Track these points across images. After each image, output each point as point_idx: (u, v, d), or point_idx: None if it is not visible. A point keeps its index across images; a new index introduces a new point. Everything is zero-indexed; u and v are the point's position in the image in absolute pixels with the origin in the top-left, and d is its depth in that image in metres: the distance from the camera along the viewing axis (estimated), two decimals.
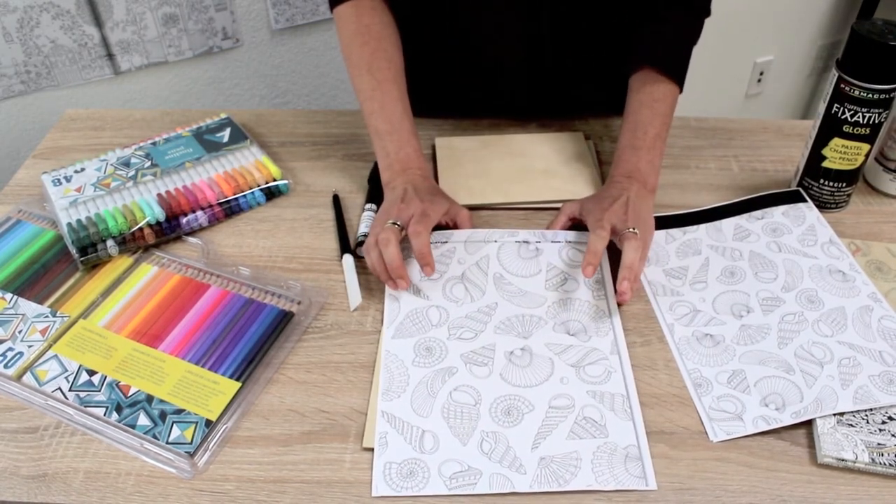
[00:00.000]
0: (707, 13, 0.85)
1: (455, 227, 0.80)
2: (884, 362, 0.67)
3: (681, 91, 0.84)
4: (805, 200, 0.85)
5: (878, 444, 0.60)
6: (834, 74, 0.78)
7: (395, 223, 0.73)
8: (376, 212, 0.83)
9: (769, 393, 0.65)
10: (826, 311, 0.72)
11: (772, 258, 0.78)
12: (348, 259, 0.78)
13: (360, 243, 0.80)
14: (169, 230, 0.82)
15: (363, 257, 0.79)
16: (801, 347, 0.69)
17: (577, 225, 0.81)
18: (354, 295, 0.74)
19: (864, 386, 0.65)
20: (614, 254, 0.75)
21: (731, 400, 0.65)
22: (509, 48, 0.91)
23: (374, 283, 0.77)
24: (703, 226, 0.83)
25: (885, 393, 0.64)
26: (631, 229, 0.72)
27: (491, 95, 0.98)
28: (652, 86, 0.83)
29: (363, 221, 0.82)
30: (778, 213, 0.84)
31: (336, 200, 0.87)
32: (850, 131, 0.78)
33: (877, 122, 0.77)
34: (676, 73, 0.83)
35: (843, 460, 0.59)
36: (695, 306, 0.73)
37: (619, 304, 0.73)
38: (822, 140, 0.81)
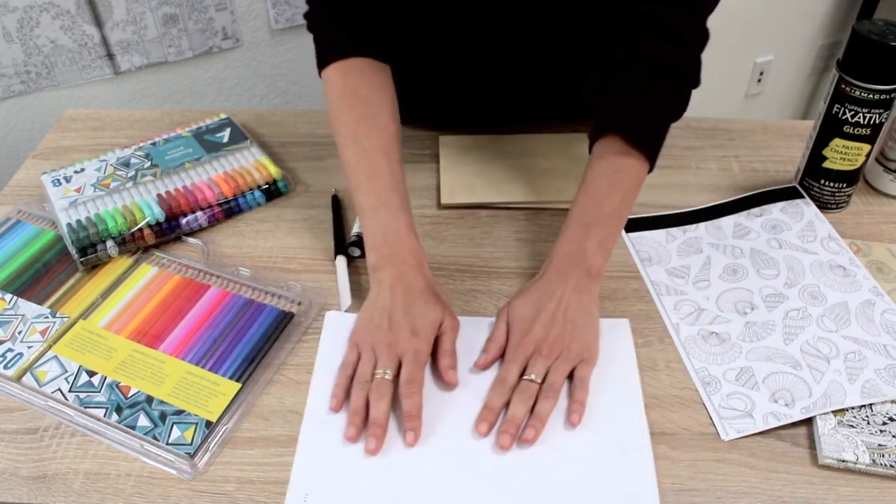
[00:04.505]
0: (696, 83, 0.75)
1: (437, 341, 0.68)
2: (889, 356, 0.67)
3: (650, 170, 0.72)
4: (802, 196, 0.85)
5: (879, 445, 0.60)
6: (834, 74, 0.78)
7: (385, 372, 0.64)
8: None
9: (778, 389, 0.65)
10: (829, 306, 0.72)
11: (773, 255, 0.78)
12: (341, 260, 0.78)
13: (353, 243, 0.80)
14: (169, 230, 0.82)
15: (356, 257, 0.79)
16: (807, 343, 0.69)
17: None
18: (345, 296, 0.74)
19: (870, 380, 0.65)
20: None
21: (741, 397, 0.65)
22: (498, 59, 0.88)
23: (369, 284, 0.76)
24: (702, 224, 0.83)
25: (892, 386, 0.64)
26: (531, 377, 0.63)
27: (483, 106, 0.95)
28: (615, 157, 0.71)
29: (357, 221, 0.82)
30: (776, 209, 0.84)
31: (335, 200, 0.87)
32: (851, 132, 0.78)
33: (877, 122, 0.77)
34: (648, 146, 0.71)
35: (843, 461, 0.59)
36: (699, 305, 0.73)
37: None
38: (822, 140, 0.81)
